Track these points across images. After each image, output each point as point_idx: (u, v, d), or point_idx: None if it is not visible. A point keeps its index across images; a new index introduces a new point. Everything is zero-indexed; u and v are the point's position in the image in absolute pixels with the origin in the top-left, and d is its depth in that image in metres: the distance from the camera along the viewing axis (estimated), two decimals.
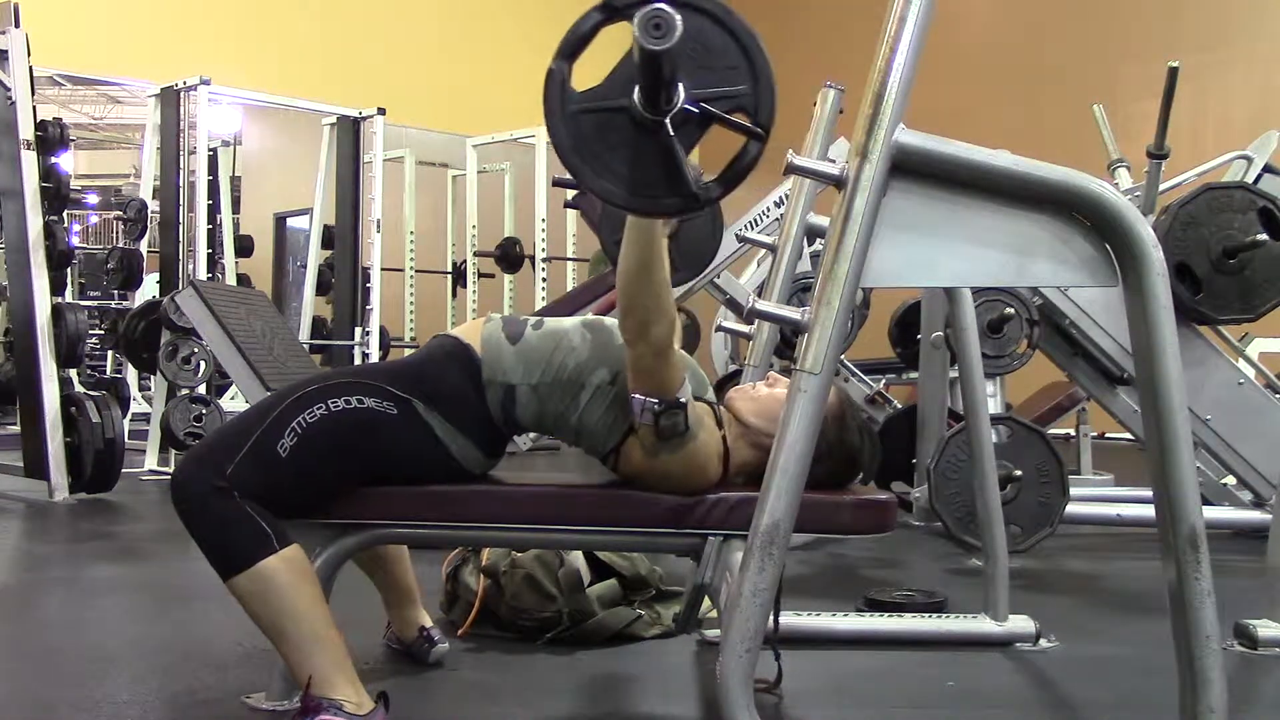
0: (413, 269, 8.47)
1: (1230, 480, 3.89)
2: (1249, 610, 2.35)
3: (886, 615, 2.49)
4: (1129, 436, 5.27)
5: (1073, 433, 5.30)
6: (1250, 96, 7.74)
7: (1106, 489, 4.61)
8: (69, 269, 5.84)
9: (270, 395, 1.80)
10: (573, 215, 7.94)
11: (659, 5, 1.22)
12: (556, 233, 7.87)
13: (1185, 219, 3.41)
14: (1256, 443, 3.56)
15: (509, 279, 8.48)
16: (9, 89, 4.42)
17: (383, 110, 6.54)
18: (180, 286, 5.13)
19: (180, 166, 5.65)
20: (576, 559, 2.30)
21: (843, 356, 4.37)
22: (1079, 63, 8.62)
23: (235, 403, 6.34)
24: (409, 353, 5.81)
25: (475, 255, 8.19)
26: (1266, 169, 4.12)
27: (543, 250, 7.49)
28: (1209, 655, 1.30)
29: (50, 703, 1.89)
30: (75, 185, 6.91)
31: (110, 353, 8.08)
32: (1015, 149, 1.40)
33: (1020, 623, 2.36)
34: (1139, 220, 1.31)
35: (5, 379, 4.75)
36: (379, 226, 6.50)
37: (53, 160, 4.60)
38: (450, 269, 8.78)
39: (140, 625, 2.53)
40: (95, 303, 8.78)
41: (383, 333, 6.96)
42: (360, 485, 1.76)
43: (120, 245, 6.80)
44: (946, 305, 2.64)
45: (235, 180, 8.70)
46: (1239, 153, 4.21)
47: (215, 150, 6.86)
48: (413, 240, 8.45)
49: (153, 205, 5.94)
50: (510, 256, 8.32)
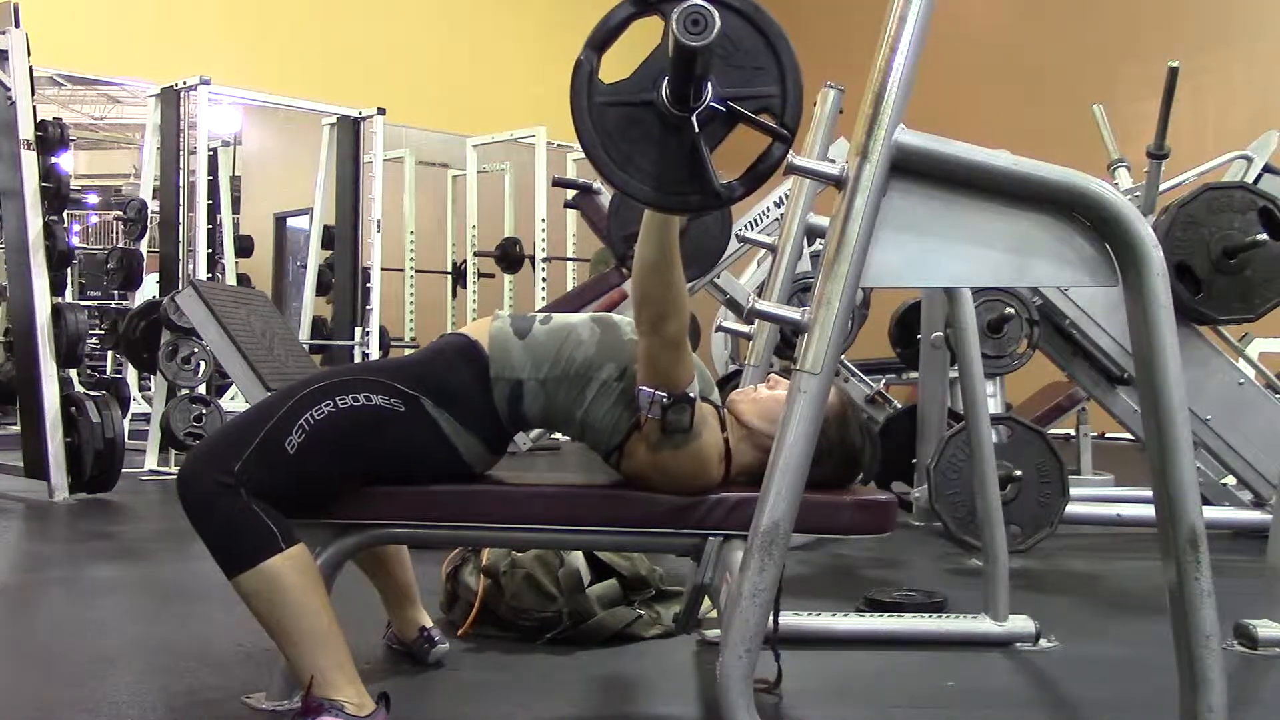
0: (413, 269, 8.48)
1: (1230, 480, 3.89)
2: (1249, 610, 2.35)
3: (886, 615, 2.49)
4: (1129, 436, 5.27)
5: (1073, 433, 5.30)
6: (1250, 96, 7.74)
7: (1106, 489, 4.61)
8: (69, 269, 5.84)
9: (276, 392, 1.80)
10: (573, 215, 7.94)
11: (697, 1, 1.22)
12: (556, 233, 7.87)
13: (1185, 219, 3.41)
14: (1256, 443, 3.56)
15: (509, 279, 8.48)
16: (9, 89, 4.42)
17: (383, 110, 6.55)
18: (180, 286, 5.13)
19: (180, 166, 5.66)
20: (576, 559, 2.30)
21: (843, 356, 4.37)
22: (1079, 63, 8.62)
23: (235, 403, 6.34)
24: (410, 352, 5.81)
25: (475, 255, 8.20)
26: (1266, 169, 4.13)
27: (543, 250, 7.49)
28: (1209, 655, 1.30)
29: (50, 703, 1.89)
30: (75, 185, 6.93)
31: (110, 353, 8.08)
32: (1015, 149, 1.40)
33: (1020, 623, 2.36)
34: (1139, 220, 1.31)
35: (5, 379, 4.75)
36: (379, 226, 6.50)
37: (53, 160, 4.60)
38: (450, 269, 8.78)
39: (140, 625, 2.53)
40: (95, 303, 8.78)
41: (383, 333, 6.96)
42: (366, 483, 1.76)
43: (120, 245, 6.82)
44: (946, 305, 2.63)
45: (235, 180, 8.71)
46: (1239, 153, 4.21)
47: (215, 150, 6.86)
48: (413, 240, 8.46)
49: (153, 205, 5.94)
50: (510, 256, 8.32)
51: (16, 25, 4.46)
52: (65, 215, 5.36)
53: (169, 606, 2.70)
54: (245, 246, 8.06)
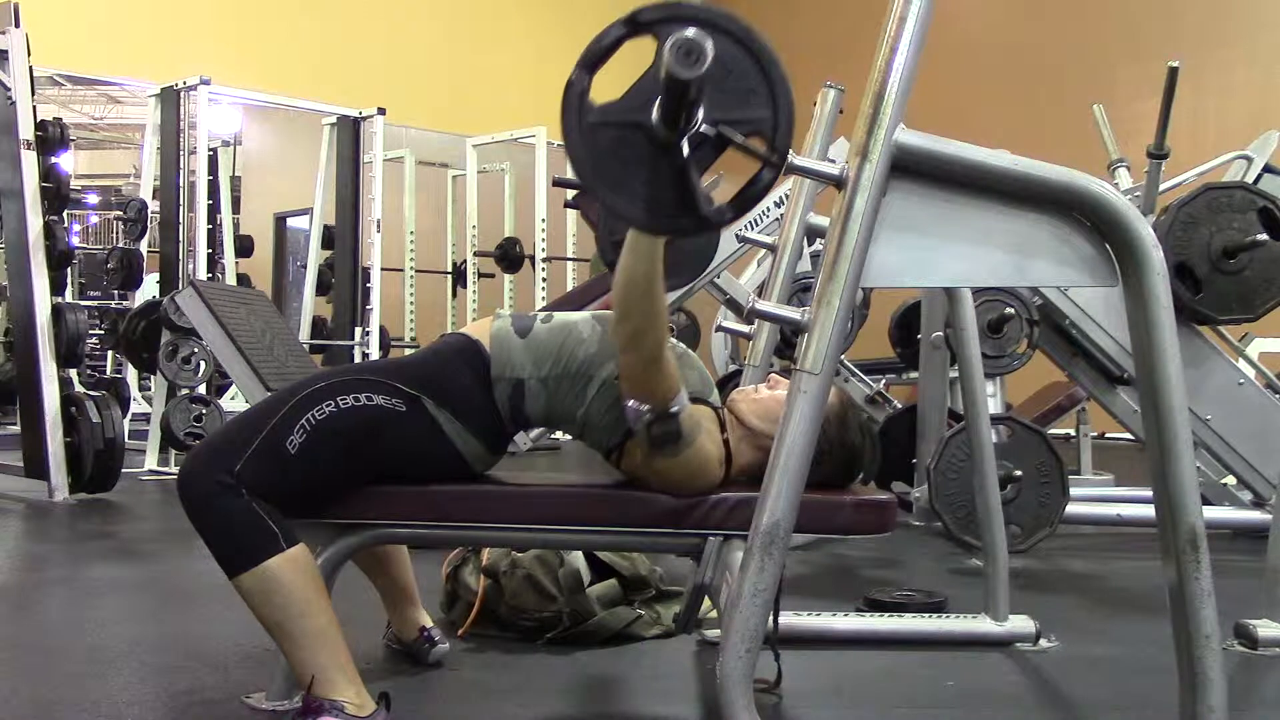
0: (413, 269, 8.47)
1: (1230, 480, 3.89)
2: (1249, 610, 2.35)
3: (886, 615, 2.49)
4: (1129, 436, 5.28)
5: (1073, 433, 5.30)
6: (1250, 96, 7.74)
7: (1106, 489, 4.61)
8: (69, 269, 5.84)
9: (277, 392, 1.80)
10: (573, 215, 7.94)
11: (691, 32, 1.21)
12: (556, 233, 7.87)
13: (1185, 219, 3.41)
14: (1256, 443, 3.56)
15: (509, 279, 8.48)
16: (9, 89, 4.42)
17: (383, 110, 6.55)
18: (180, 286, 5.13)
19: (180, 166, 5.66)
20: (576, 559, 2.30)
21: (843, 356, 4.37)
22: (1079, 63, 8.62)
23: (235, 403, 6.34)
24: (410, 352, 5.79)
25: (475, 255, 8.19)
26: (1266, 169, 4.13)
27: (543, 250, 7.49)
28: (1209, 655, 1.30)
29: (50, 703, 1.89)
30: (75, 185, 6.93)
31: (110, 353, 8.08)
32: (1015, 149, 1.40)
33: (1020, 623, 2.36)
34: (1139, 220, 1.31)
35: (5, 379, 4.75)
36: (379, 226, 6.50)
37: (53, 160, 4.61)
38: (450, 269, 8.78)
39: (140, 625, 2.53)
40: (95, 303, 8.76)
41: (383, 333, 6.96)
42: (368, 483, 1.76)
43: (120, 245, 6.80)
44: (946, 305, 2.63)
45: (235, 180, 8.70)
46: (1239, 153, 4.21)
47: (215, 150, 6.86)
48: (413, 240, 8.46)
49: (153, 205, 5.94)
50: (510, 256, 8.32)
51: (16, 25, 4.46)
52: (65, 215, 5.35)
53: (169, 606, 2.70)
54: (245, 246, 8.05)
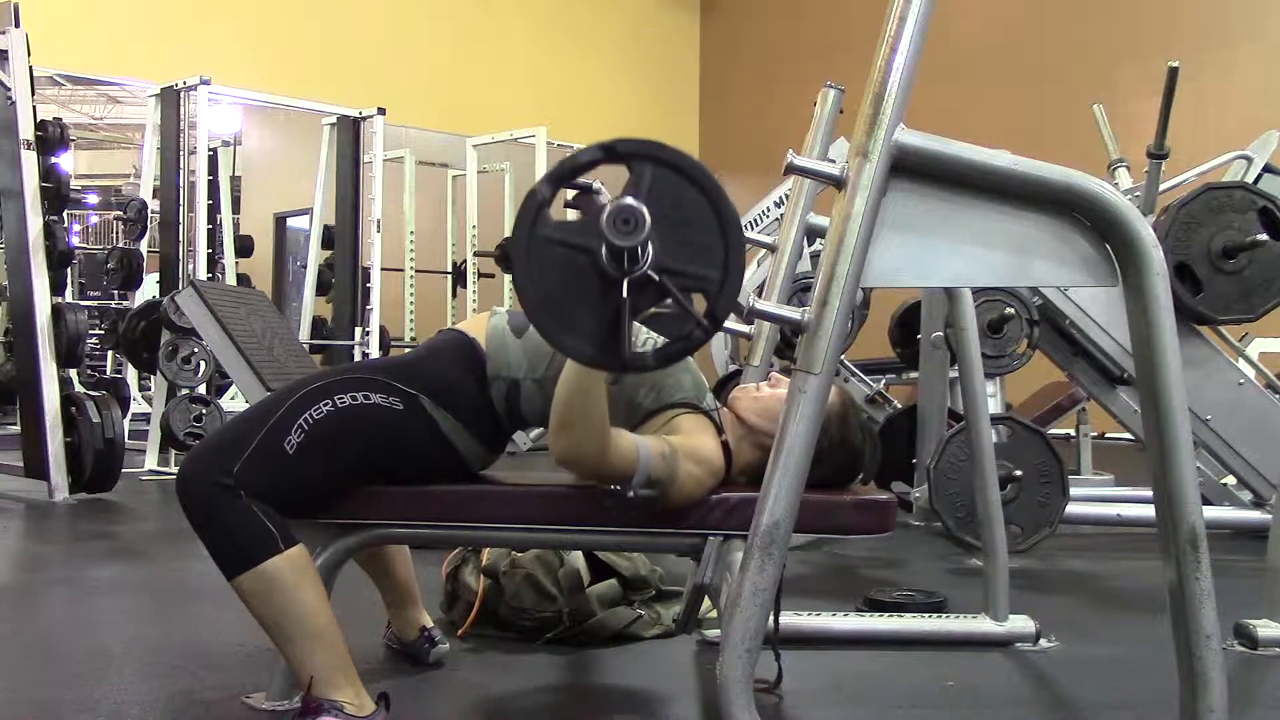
0: (413, 269, 8.47)
1: (1230, 480, 3.89)
2: (1249, 610, 2.35)
3: (886, 615, 2.49)
4: (1129, 436, 5.27)
5: (1073, 433, 5.30)
6: (1250, 96, 7.74)
7: (1106, 489, 4.61)
8: (69, 269, 5.84)
9: (275, 392, 1.80)
10: (572, 216, 7.93)
11: (631, 201, 1.25)
12: None
13: (1185, 219, 3.41)
14: (1256, 443, 3.56)
15: (509, 279, 8.47)
16: (9, 89, 4.42)
17: (383, 110, 6.54)
18: (180, 286, 5.13)
19: (180, 166, 5.66)
20: (576, 559, 2.30)
21: (843, 356, 4.37)
22: (1079, 63, 8.62)
23: (235, 403, 6.34)
24: (408, 351, 5.77)
25: (475, 255, 8.19)
26: (1266, 169, 4.13)
27: None
28: (1209, 655, 1.30)
29: (50, 703, 1.89)
30: (75, 185, 6.93)
31: (110, 353, 8.08)
32: (1015, 149, 1.40)
33: (1020, 623, 2.36)
34: (1139, 220, 1.31)
35: (5, 379, 4.75)
36: (379, 226, 6.50)
37: (53, 160, 4.61)
38: (450, 269, 8.78)
39: (140, 625, 2.53)
40: (95, 303, 8.78)
41: (383, 333, 6.96)
42: (366, 482, 1.76)
43: (120, 245, 6.80)
44: (946, 305, 2.63)
45: (235, 180, 8.70)
46: (1239, 153, 4.21)
47: (215, 150, 6.85)
48: (413, 240, 8.45)
49: (153, 205, 5.94)
50: (510, 256, 8.31)
51: (16, 25, 4.47)
52: (65, 215, 5.35)
53: (169, 606, 2.70)
54: (245, 246, 8.05)
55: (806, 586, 2.90)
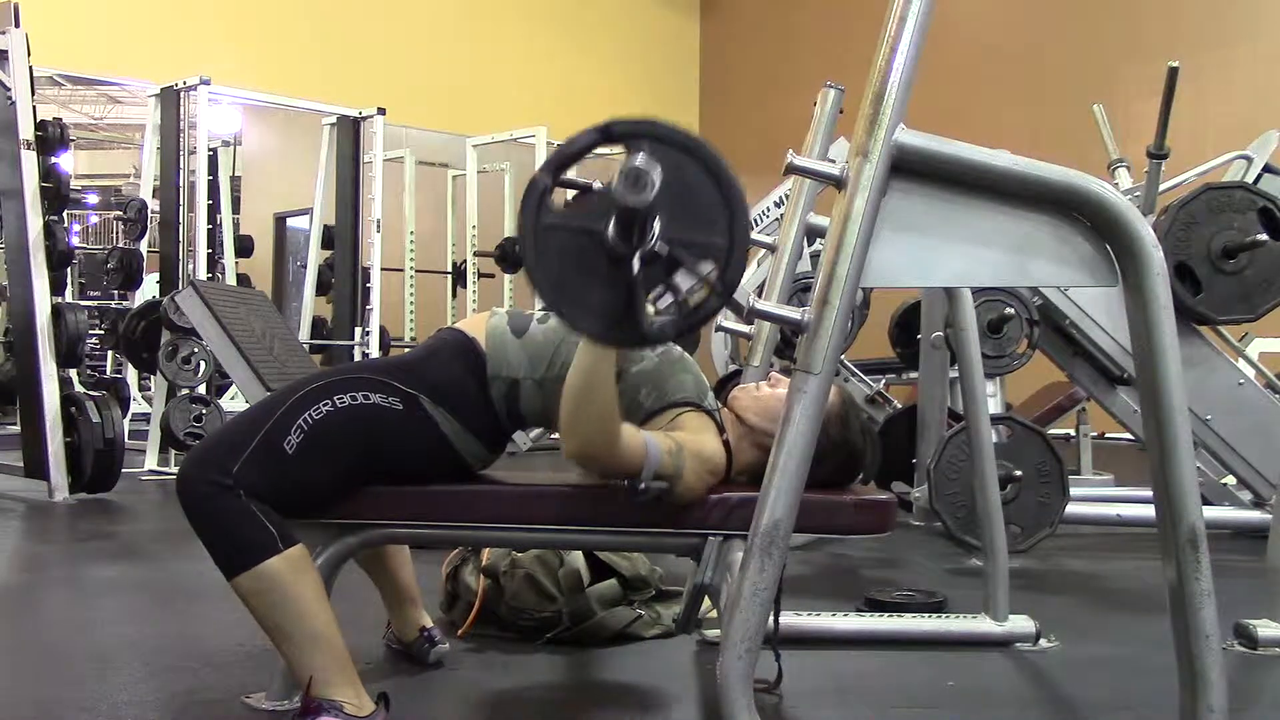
0: (413, 269, 8.47)
1: (1230, 480, 3.89)
2: (1249, 610, 2.35)
3: (886, 615, 2.49)
4: (1129, 436, 5.27)
5: (1073, 433, 5.30)
6: (1250, 96, 7.74)
7: (1106, 489, 4.61)
8: (69, 269, 5.84)
9: (275, 393, 1.80)
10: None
11: (641, 160, 1.25)
12: None
13: (1185, 219, 3.41)
14: (1256, 443, 3.56)
15: (509, 279, 8.47)
16: (9, 89, 4.42)
17: (383, 110, 6.54)
18: (180, 286, 5.13)
19: (180, 166, 5.66)
20: (576, 559, 2.30)
21: (843, 356, 4.37)
22: (1079, 63, 8.62)
23: (235, 403, 6.34)
24: (407, 350, 5.77)
25: (475, 255, 8.19)
26: (1266, 169, 4.12)
27: None
28: (1209, 655, 1.30)
29: (50, 703, 1.89)
30: (75, 185, 6.93)
31: (110, 353, 8.08)
32: (1015, 149, 1.40)
33: (1020, 623, 2.36)
34: (1139, 220, 1.31)
35: (5, 379, 4.75)
36: (379, 226, 6.50)
37: (53, 160, 4.61)
38: (450, 269, 8.78)
39: (140, 625, 2.53)
40: (95, 303, 8.77)
41: (383, 333, 6.96)
42: (365, 482, 1.76)
43: (120, 245, 6.80)
44: (946, 305, 2.63)
45: (235, 180, 8.69)
46: (1239, 153, 4.21)
47: (215, 150, 6.86)
48: (413, 240, 8.45)
49: (153, 205, 5.94)
50: (510, 256, 8.31)
51: (16, 25, 4.46)
52: (65, 215, 5.36)
53: (169, 606, 2.70)
54: (245, 246, 8.05)
55: (806, 586, 2.90)
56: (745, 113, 10.98)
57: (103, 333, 7.43)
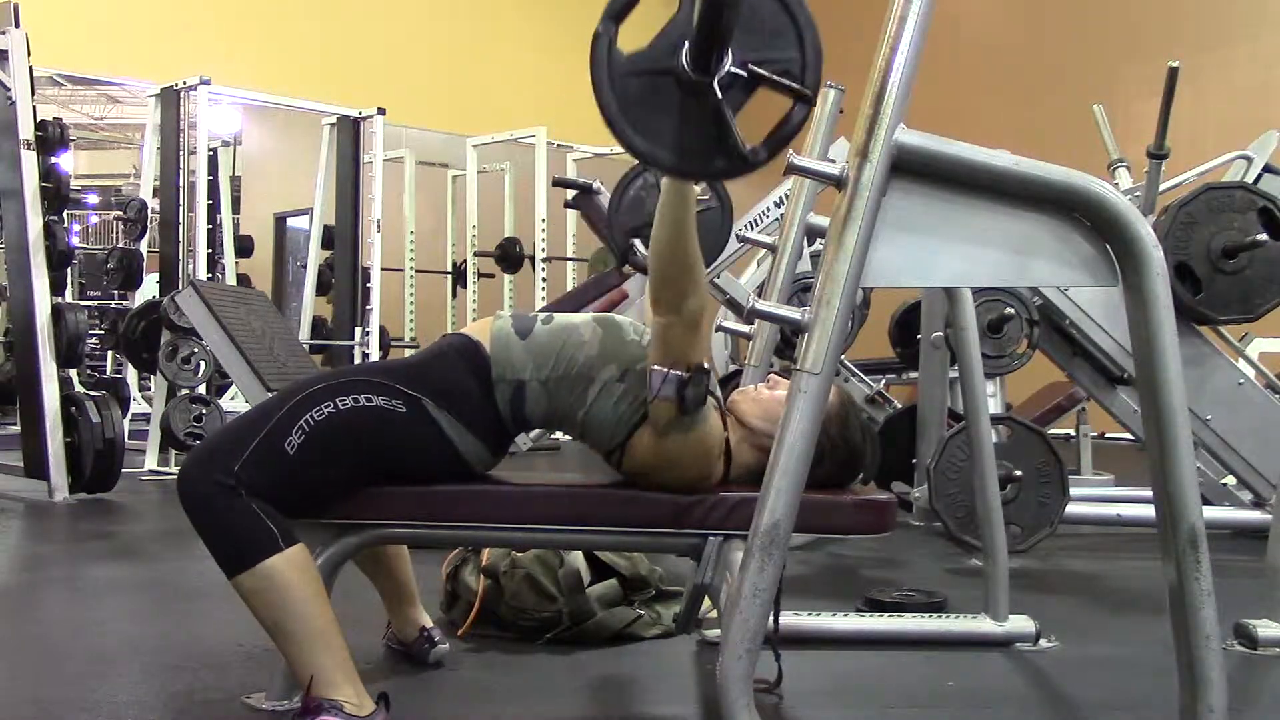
0: (413, 269, 8.47)
1: (1230, 480, 3.89)
2: (1249, 610, 2.35)
3: (886, 615, 2.49)
4: (1129, 436, 5.27)
5: (1073, 433, 5.30)
6: (1250, 96, 7.74)
7: (1106, 489, 4.61)
8: (69, 269, 5.84)
9: (277, 393, 1.80)
10: (573, 215, 7.94)
11: None
12: (556, 233, 7.87)
13: (1185, 219, 3.41)
14: (1256, 443, 3.56)
15: (509, 279, 8.48)
16: (9, 89, 4.41)
17: (383, 110, 6.54)
18: (180, 286, 5.13)
19: (180, 166, 5.65)
20: (576, 559, 2.30)
21: (843, 356, 4.37)
22: (1079, 63, 8.62)
23: (235, 403, 6.34)
24: (410, 352, 5.78)
25: (475, 255, 8.19)
26: (1266, 169, 4.12)
27: (543, 250, 7.49)
28: (1209, 655, 1.30)
29: (50, 703, 1.89)
30: (75, 185, 6.92)
31: (110, 353, 8.08)
32: (1015, 149, 1.40)
33: (1020, 623, 2.36)
34: (1139, 220, 1.31)
35: (5, 379, 4.75)
36: (379, 226, 6.50)
37: (53, 160, 4.60)
38: (450, 269, 8.78)
39: (140, 625, 2.53)
40: (95, 303, 8.77)
41: (383, 333, 6.96)
42: (367, 483, 1.76)
43: (120, 245, 6.80)
44: (946, 305, 2.63)
45: (235, 180, 8.70)
46: (1239, 153, 4.20)
47: (215, 150, 6.86)
48: (413, 240, 8.45)
49: (153, 205, 5.94)
50: (510, 256, 8.32)
51: (16, 25, 4.46)
52: (65, 215, 5.35)
53: (169, 606, 2.70)
54: (245, 246, 8.05)
55: (806, 586, 2.90)
56: (744, 112, 10.96)
57: (103, 333, 7.43)
